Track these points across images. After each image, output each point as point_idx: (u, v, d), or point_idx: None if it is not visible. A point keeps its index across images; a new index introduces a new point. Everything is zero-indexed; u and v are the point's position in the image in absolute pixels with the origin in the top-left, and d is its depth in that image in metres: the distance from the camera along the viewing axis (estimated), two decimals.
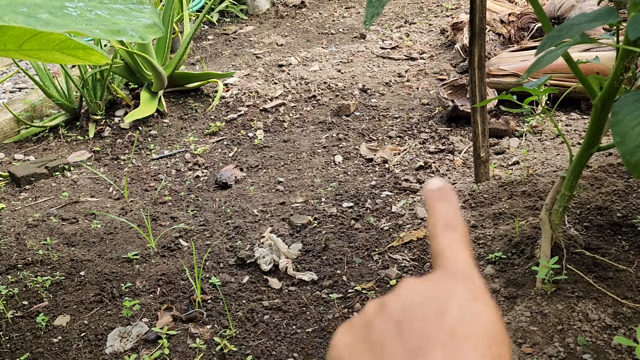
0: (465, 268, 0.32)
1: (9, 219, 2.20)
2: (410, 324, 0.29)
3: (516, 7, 3.29)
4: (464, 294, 0.30)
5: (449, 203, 0.35)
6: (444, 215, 0.35)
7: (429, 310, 0.29)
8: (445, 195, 0.36)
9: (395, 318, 0.30)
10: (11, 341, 1.57)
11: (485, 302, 0.30)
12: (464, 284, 0.31)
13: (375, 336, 0.30)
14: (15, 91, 3.55)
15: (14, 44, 1.42)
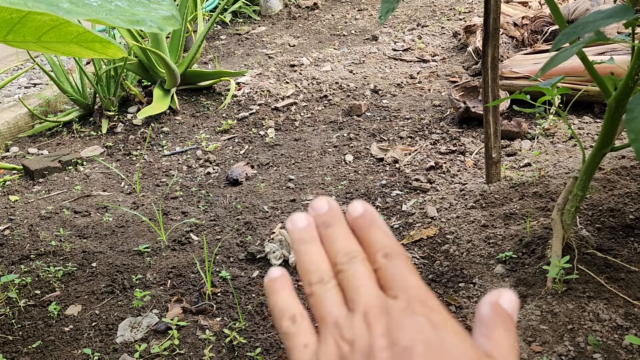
0: (419, 291, 0.32)
1: (22, 210, 2.23)
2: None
3: (530, 11, 3.29)
4: (422, 325, 0.30)
5: (382, 231, 0.34)
6: (381, 246, 0.34)
7: (394, 350, 0.29)
8: (374, 221, 0.34)
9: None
10: (23, 329, 1.59)
11: (446, 329, 0.30)
12: (422, 312, 0.30)
13: None
14: (30, 86, 3.59)
15: (33, 36, 1.44)
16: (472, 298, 1.51)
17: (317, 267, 0.34)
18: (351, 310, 0.32)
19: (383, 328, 0.30)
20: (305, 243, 0.34)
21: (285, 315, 0.33)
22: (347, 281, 0.33)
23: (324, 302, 0.33)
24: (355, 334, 0.30)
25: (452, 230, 1.80)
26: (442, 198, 2.00)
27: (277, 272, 0.35)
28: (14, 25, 1.36)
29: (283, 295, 0.34)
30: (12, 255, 1.93)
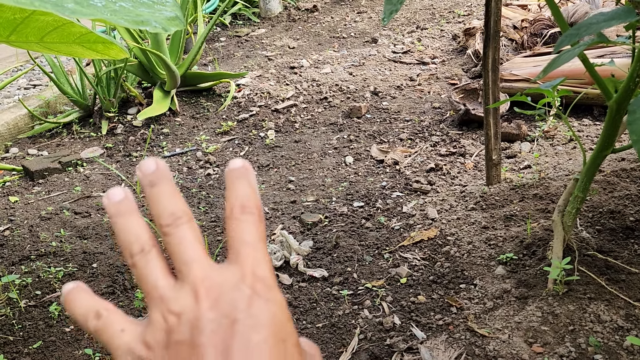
0: (255, 261, 0.32)
1: (22, 211, 2.23)
2: (207, 338, 0.29)
3: (529, 14, 3.30)
4: (250, 298, 0.30)
5: (248, 184, 0.34)
6: (241, 196, 0.33)
7: (222, 322, 0.29)
8: (245, 175, 0.34)
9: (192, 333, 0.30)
10: (24, 330, 1.59)
11: (270, 301, 0.31)
12: (251, 285, 0.31)
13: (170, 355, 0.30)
14: (30, 87, 3.59)
15: (35, 37, 1.44)
16: (473, 299, 1.51)
17: (137, 237, 0.32)
18: (179, 281, 0.31)
19: (211, 301, 0.30)
20: (122, 215, 0.33)
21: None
22: (175, 248, 0.32)
23: (148, 275, 0.32)
24: (183, 306, 0.30)
25: (452, 231, 1.80)
26: (442, 200, 2.01)
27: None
28: (17, 25, 1.36)
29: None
30: (13, 255, 1.93)
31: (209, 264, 0.32)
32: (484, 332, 1.38)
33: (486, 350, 1.33)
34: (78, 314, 0.33)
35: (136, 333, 0.31)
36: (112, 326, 0.32)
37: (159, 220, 0.32)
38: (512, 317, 1.40)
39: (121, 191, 0.33)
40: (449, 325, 1.44)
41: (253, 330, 0.29)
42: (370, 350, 1.40)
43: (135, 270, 0.32)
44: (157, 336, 0.30)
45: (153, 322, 0.31)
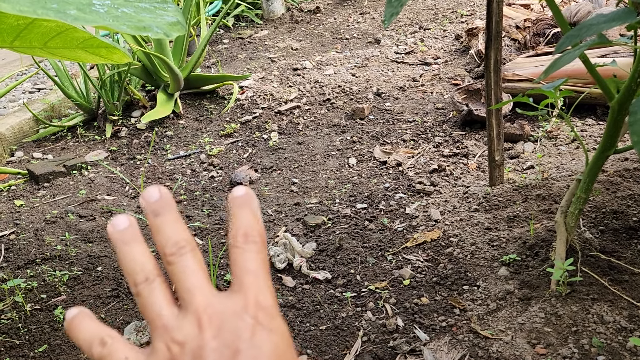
0: (258, 290, 0.32)
1: (27, 215, 2.24)
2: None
3: (532, 13, 3.30)
4: (252, 328, 0.31)
5: (251, 212, 0.34)
6: (244, 225, 0.33)
7: (224, 352, 0.30)
8: (248, 203, 0.34)
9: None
10: (30, 333, 1.60)
11: (272, 331, 0.31)
12: (254, 315, 0.31)
13: None
14: (35, 91, 3.61)
15: (39, 42, 1.46)
16: (476, 300, 1.51)
17: (142, 266, 0.33)
18: (183, 309, 0.32)
19: (214, 330, 0.30)
20: (126, 244, 0.33)
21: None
22: (178, 276, 0.32)
23: (151, 305, 0.32)
24: (186, 336, 0.31)
25: (455, 233, 1.80)
26: (445, 201, 2.01)
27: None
28: (20, 31, 1.37)
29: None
30: (18, 259, 1.95)
31: (212, 292, 0.32)
32: (487, 333, 1.38)
33: (489, 351, 1.33)
34: (82, 340, 0.33)
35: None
36: (116, 354, 0.32)
37: (163, 249, 0.33)
38: (515, 318, 1.40)
39: (125, 219, 0.34)
40: (452, 327, 1.44)
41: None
42: (374, 352, 1.40)
43: (139, 299, 0.33)
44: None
45: (156, 351, 0.31)
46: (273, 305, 0.32)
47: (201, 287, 0.32)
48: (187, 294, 0.32)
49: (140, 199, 0.34)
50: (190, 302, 0.32)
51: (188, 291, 0.32)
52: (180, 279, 0.32)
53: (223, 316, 0.31)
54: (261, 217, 0.35)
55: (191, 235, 0.34)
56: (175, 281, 0.32)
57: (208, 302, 0.32)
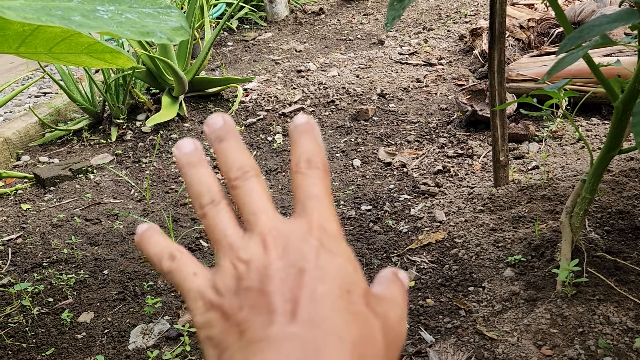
0: (322, 214, 0.32)
1: (34, 219, 2.26)
2: (275, 286, 0.30)
3: (536, 13, 3.29)
4: (317, 250, 0.31)
5: (313, 139, 0.34)
6: (307, 151, 0.33)
7: (289, 271, 0.30)
8: (310, 131, 0.34)
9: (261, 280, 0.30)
10: (37, 337, 1.61)
11: (336, 254, 0.31)
12: (318, 237, 0.31)
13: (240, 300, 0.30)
14: (40, 95, 3.63)
15: (44, 47, 1.47)
16: (481, 302, 1.51)
17: (208, 188, 0.33)
18: (248, 232, 0.32)
19: (279, 251, 0.30)
20: (193, 167, 0.33)
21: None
22: (243, 200, 0.32)
23: (218, 225, 0.32)
24: (252, 255, 0.31)
25: (460, 234, 1.80)
26: (450, 202, 2.01)
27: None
28: (26, 37, 1.38)
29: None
30: (25, 263, 1.96)
31: (277, 215, 0.32)
32: (492, 335, 1.38)
33: (495, 353, 1.33)
34: (152, 253, 0.33)
35: (207, 277, 0.32)
36: (185, 269, 0.32)
37: (228, 173, 0.33)
38: (521, 319, 1.40)
39: (191, 142, 0.34)
40: (457, 329, 1.44)
41: (319, 282, 0.29)
42: None
43: (205, 220, 0.33)
44: (227, 282, 0.31)
45: (223, 269, 0.31)
46: (336, 229, 0.32)
47: (266, 210, 0.32)
48: (252, 216, 0.32)
49: (205, 126, 0.34)
50: (256, 224, 0.32)
51: (253, 214, 0.32)
52: (245, 202, 0.32)
53: (288, 238, 0.31)
54: (323, 146, 0.34)
55: (254, 161, 0.34)
56: (240, 204, 0.33)
57: (273, 224, 0.32)
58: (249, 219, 0.32)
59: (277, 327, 0.28)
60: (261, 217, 0.32)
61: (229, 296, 0.30)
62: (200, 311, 0.31)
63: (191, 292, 0.32)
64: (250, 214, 0.32)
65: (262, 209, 0.32)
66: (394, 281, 0.34)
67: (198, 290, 0.31)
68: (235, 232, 0.32)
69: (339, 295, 0.29)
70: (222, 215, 0.33)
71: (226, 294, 0.30)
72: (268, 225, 0.32)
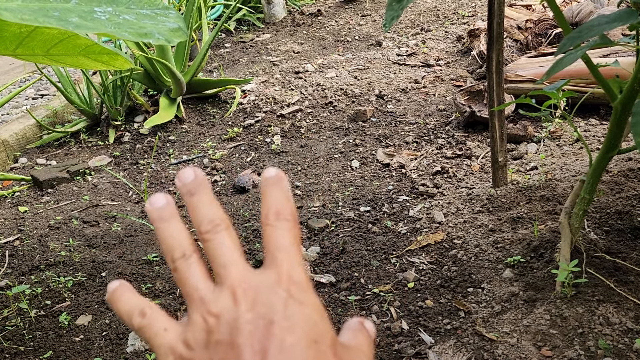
0: (290, 265, 0.33)
1: (31, 221, 2.25)
2: (245, 338, 0.30)
3: (533, 14, 3.29)
4: (286, 300, 0.31)
5: (282, 191, 0.35)
6: (275, 203, 0.34)
7: (259, 323, 0.31)
8: (279, 183, 0.35)
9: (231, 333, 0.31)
10: (35, 339, 1.60)
11: (305, 304, 0.32)
12: (287, 288, 0.32)
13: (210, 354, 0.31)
14: (38, 97, 3.63)
15: (41, 49, 1.46)
16: (480, 303, 1.51)
17: (179, 242, 0.34)
18: (218, 285, 0.33)
19: (249, 303, 0.31)
20: (164, 221, 0.34)
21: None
22: (214, 253, 0.33)
23: (189, 279, 0.33)
24: (222, 308, 0.31)
25: (459, 235, 1.80)
26: (449, 203, 2.00)
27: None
28: (23, 39, 1.38)
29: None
30: (23, 265, 1.95)
31: (247, 267, 0.33)
32: (492, 336, 1.38)
33: (495, 354, 1.32)
34: (123, 311, 0.34)
35: (178, 332, 0.33)
36: (156, 324, 0.33)
37: (199, 227, 0.34)
38: (521, 320, 1.40)
39: (163, 197, 0.35)
40: (457, 330, 1.43)
41: (287, 332, 0.30)
42: (379, 355, 1.40)
43: (176, 274, 0.34)
44: (198, 336, 0.31)
45: (193, 322, 0.32)
46: (305, 280, 0.33)
47: (236, 262, 0.33)
48: (223, 269, 0.33)
49: (176, 179, 0.35)
50: (226, 277, 0.33)
51: (223, 266, 0.33)
52: (215, 255, 0.33)
53: (257, 290, 0.32)
54: (292, 197, 0.36)
55: (225, 214, 0.35)
56: (211, 257, 0.33)
57: (242, 277, 0.32)
58: (219, 272, 0.33)
59: None
60: (231, 270, 0.33)
61: (199, 350, 0.31)
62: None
63: (162, 347, 0.32)
64: (220, 267, 0.33)
65: (232, 261, 0.33)
66: (360, 330, 0.35)
67: (169, 345, 0.32)
68: (206, 285, 0.33)
69: (307, 346, 0.30)
70: (193, 269, 0.33)
71: (196, 348, 0.31)
72: (238, 278, 0.32)
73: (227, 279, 0.32)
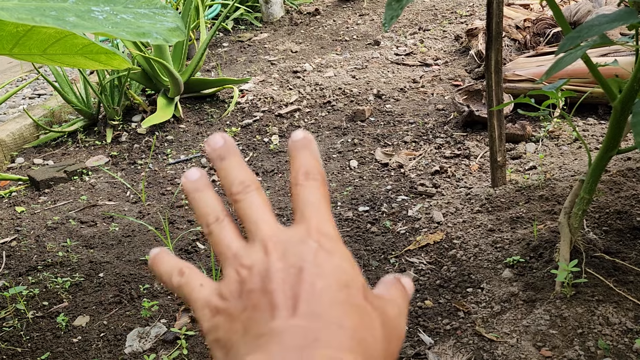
0: (319, 219, 0.34)
1: (28, 221, 2.24)
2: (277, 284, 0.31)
3: (532, 13, 3.29)
4: (315, 250, 0.33)
5: (310, 153, 0.36)
6: (304, 165, 0.36)
7: (289, 271, 0.32)
8: (308, 145, 0.36)
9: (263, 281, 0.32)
10: (32, 341, 1.59)
11: (334, 253, 0.33)
12: (317, 239, 0.33)
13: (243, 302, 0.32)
14: (35, 97, 3.61)
15: (38, 49, 1.45)
16: (480, 303, 1.50)
17: (212, 208, 0.36)
18: (250, 241, 0.34)
19: (279, 254, 0.32)
20: (199, 191, 0.36)
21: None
22: (245, 212, 0.35)
23: (222, 239, 0.35)
24: (254, 260, 0.33)
25: (458, 235, 1.80)
26: (447, 202, 2.00)
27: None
28: (19, 38, 1.37)
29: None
30: (20, 266, 1.94)
31: (277, 224, 0.35)
32: (492, 336, 1.37)
33: (494, 354, 1.32)
34: (164, 271, 0.36)
35: (213, 287, 0.34)
36: (192, 281, 0.35)
37: (230, 188, 0.35)
38: (520, 320, 1.39)
39: (197, 171, 0.37)
40: (456, 330, 1.43)
41: (318, 277, 0.31)
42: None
43: (211, 237, 0.35)
44: (232, 288, 0.33)
45: (227, 276, 0.33)
46: (334, 232, 0.34)
47: (267, 219, 0.34)
48: (254, 225, 0.34)
49: (206, 146, 0.37)
50: (257, 232, 0.34)
51: (254, 223, 0.34)
52: (247, 213, 0.35)
53: (287, 242, 0.33)
54: (320, 157, 0.37)
55: (255, 176, 0.36)
56: (243, 216, 0.35)
57: (273, 231, 0.34)
58: (250, 229, 0.34)
59: (279, 321, 0.30)
60: (262, 225, 0.34)
61: (233, 300, 0.32)
62: (207, 317, 0.33)
63: (198, 301, 0.34)
64: (251, 224, 0.34)
65: (263, 218, 0.35)
66: (395, 284, 0.37)
67: (204, 299, 0.34)
68: (238, 243, 0.35)
69: (338, 289, 0.31)
70: (226, 230, 0.35)
71: (230, 299, 0.32)
72: (269, 233, 0.34)
73: (258, 234, 0.34)
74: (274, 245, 0.33)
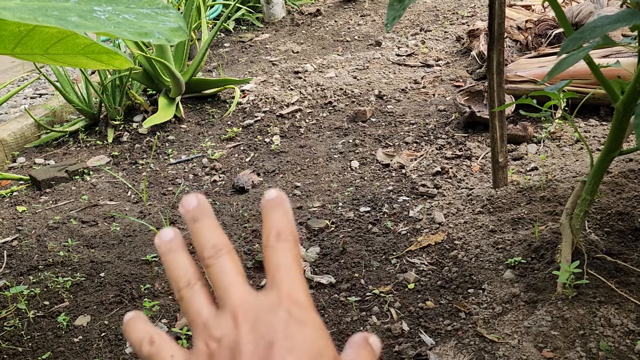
0: (290, 285, 0.34)
1: (30, 221, 2.24)
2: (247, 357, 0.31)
3: (533, 14, 3.29)
4: (286, 320, 0.32)
5: (284, 212, 0.36)
6: (276, 225, 0.35)
7: (259, 344, 0.31)
8: (280, 205, 0.36)
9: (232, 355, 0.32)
10: (33, 340, 1.59)
11: (305, 323, 0.32)
12: (287, 308, 0.33)
13: None
14: (36, 97, 3.61)
15: (40, 48, 1.45)
16: (481, 304, 1.50)
17: (184, 271, 0.35)
18: (220, 308, 0.34)
19: (249, 325, 0.32)
20: (172, 252, 0.36)
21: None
22: (216, 277, 0.34)
23: (192, 305, 0.34)
24: (223, 331, 0.32)
25: (460, 235, 1.79)
26: (449, 203, 2.00)
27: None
28: (21, 38, 1.37)
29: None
30: (21, 266, 1.94)
31: (248, 290, 0.34)
32: (493, 337, 1.37)
33: (496, 355, 1.32)
34: (134, 339, 0.36)
35: (183, 359, 0.34)
36: (163, 352, 0.35)
37: (202, 252, 0.35)
38: (522, 321, 1.39)
39: (171, 231, 0.37)
40: (457, 331, 1.43)
41: (288, 352, 0.31)
42: (379, 357, 1.39)
43: (181, 302, 0.35)
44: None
45: (197, 348, 0.33)
46: (305, 298, 0.34)
47: (237, 285, 0.34)
48: (224, 292, 0.34)
49: (180, 207, 0.36)
50: (227, 299, 0.33)
51: (225, 289, 0.34)
52: (217, 279, 0.34)
53: (258, 311, 0.33)
54: (292, 217, 0.36)
55: (227, 239, 0.36)
56: (214, 281, 0.35)
57: (243, 299, 0.33)
58: (221, 295, 0.34)
59: None
60: (233, 292, 0.34)
61: None
62: None
63: None
64: (222, 290, 0.34)
65: (233, 284, 0.34)
66: (364, 347, 0.35)
67: None
68: (209, 310, 0.34)
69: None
70: (197, 295, 0.35)
71: None
72: (239, 301, 0.33)
73: (228, 302, 0.33)
74: (244, 315, 0.32)
